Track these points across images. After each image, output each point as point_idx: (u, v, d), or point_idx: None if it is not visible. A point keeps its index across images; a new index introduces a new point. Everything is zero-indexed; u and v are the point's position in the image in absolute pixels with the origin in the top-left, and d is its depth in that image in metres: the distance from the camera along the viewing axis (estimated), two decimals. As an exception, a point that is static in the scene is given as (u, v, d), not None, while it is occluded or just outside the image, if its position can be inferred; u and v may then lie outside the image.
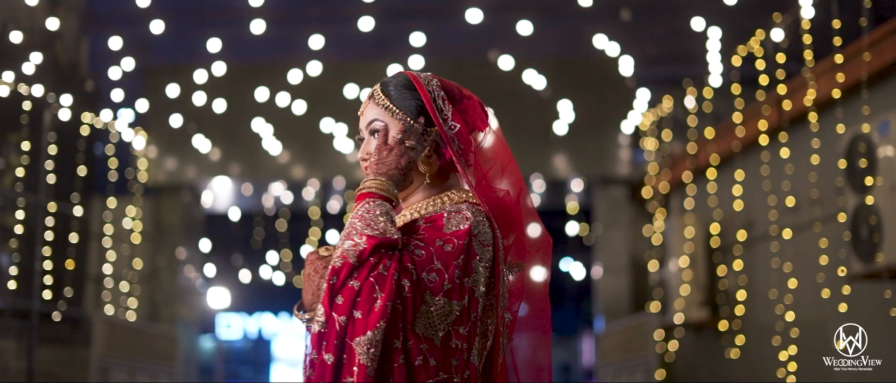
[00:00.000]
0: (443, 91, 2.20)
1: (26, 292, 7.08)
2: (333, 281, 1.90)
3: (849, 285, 5.65)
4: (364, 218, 1.97)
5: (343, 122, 9.39)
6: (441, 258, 1.98)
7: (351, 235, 1.95)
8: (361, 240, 1.93)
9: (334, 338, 1.87)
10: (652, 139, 9.14)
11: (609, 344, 8.91)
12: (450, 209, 2.07)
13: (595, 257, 10.26)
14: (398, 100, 2.17)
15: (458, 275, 1.98)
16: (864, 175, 5.21)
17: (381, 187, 2.05)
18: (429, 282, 1.95)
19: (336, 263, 1.91)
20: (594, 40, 8.13)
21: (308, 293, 2.13)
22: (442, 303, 1.95)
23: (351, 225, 1.98)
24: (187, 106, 9.14)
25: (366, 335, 1.86)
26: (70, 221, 7.75)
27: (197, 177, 10.06)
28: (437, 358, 1.94)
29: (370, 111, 2.21)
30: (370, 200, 2.02)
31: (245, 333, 18.01)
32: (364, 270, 1.90)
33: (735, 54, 7.34)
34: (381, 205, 2.01)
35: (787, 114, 6.57)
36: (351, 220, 1.99)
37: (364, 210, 2.00)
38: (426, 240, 2.00)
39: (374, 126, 2.19)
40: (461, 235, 2.01)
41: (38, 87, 7.28)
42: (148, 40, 8.50)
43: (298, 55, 8.68)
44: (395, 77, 2.22)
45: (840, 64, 5.79)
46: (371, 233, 1.94)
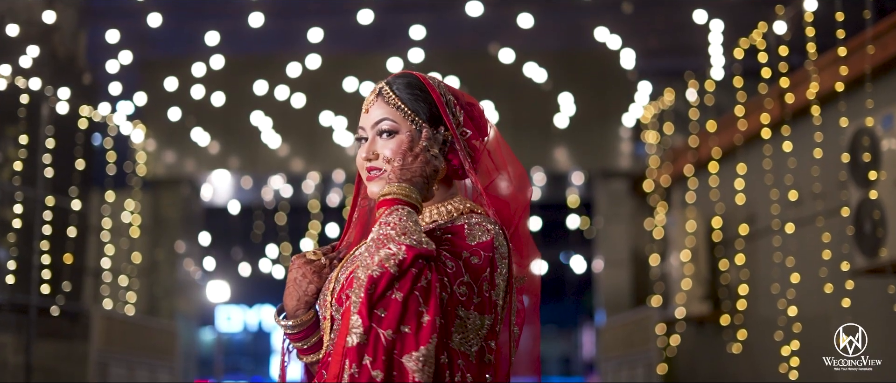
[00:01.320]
0: (452, 95, 2.13)
1: (24, 286, 7.07)
2: (372, 290, 1.78)
3: (852, 280, 5.61)
4: (397, 226, 1.86)
5: (342, 116, 9.35)
6: (470, 271, 1.91)
7: (386, 243, 1.83)
8: (399, 249, 1.81)
9: (382, 354, 1.76)
10: (653, 132, 9.09)
11: (610, 339, 8.88)
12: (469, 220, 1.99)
13: (596, 251, 10.23)
14: (410, 102, 2.07)
15: (487, 288, 1.92)
16: (868, 169, 5.18)
17: (409, 194, 1.95)
18: (460, 296, 1.88)
19: (374, 272, 1.79)
20: (595, 33, 8.10)
21: (293, 298, 2.07)
22: (474, 317, 1.90)
23: (383, 232, 1.85)
24: (186, 99, 9.11)
25: (419, 351, 1.77)
26: (68, 215, 7.72)
27: (196, 170, 10.03)
28: (473, 374, 1.89)
29: (378, 110, 2.09)
30: (399, 207, 1.91)
31: (245, 325, 18.01)
32: (406, 282, 1.80)
33: (737, 47, 7.29)
34: (410, 214, 1.90)
35: (789, 107, 6.53)
36: (381, 228, 1.87)
37: (396, 217, 1.88)
38: (453, 252, 1.92)
39: (382, 126, 2.07)
40: (486, 247, 1.94)
41: (35, 80, 7.25)
42: (146, 33, 8.47)
43: (297, 48, 8.64)
44: (403, 76, 2.12)
45: (843, 57, 5.76)
46: (408, 242, 1.82)
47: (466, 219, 2.00)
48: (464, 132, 2.10)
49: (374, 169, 2.07)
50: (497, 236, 1.97)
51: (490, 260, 1.93)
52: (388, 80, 2.12)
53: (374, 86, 2.14)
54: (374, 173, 2.07)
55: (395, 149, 2.04)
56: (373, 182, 2.07)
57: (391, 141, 2.06)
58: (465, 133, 2.10)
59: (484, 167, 2.11)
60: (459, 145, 2.07)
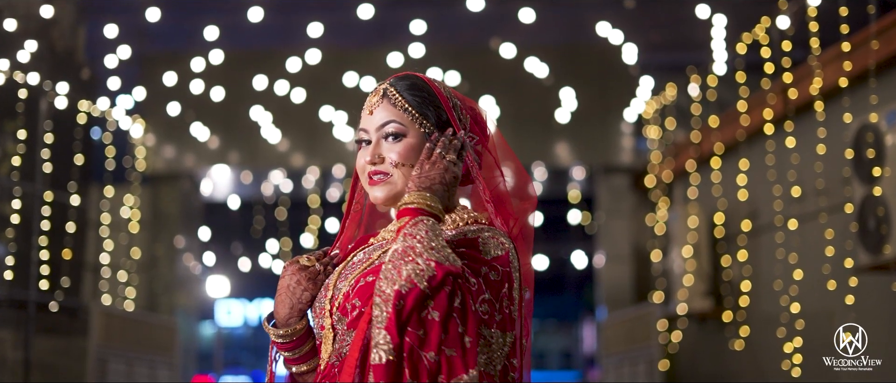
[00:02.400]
0: (457, 98, 2.04)
1: (23, 282, 7.04)
2: (400, 307, 1.69)
3: (856, 277, 5.57)
4: (423, 239, 1.76)
5: (343, 110, 9.32)
6: (490, 287, 1.83)
7: (412, 257, 1.73)
8: (428, 266, 1.72)
9: (425, 376, 1.69)
10: (655, 127, 9.05)
11: (611, 335, 8.84)
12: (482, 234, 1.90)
13: (597, 246, 10.21)
14: (418, 106, 1.98)
15: (506, 304, 1.85)
16: (872, 165, 5.14)
17: (431, 204, 1.86)
18: (482, 314, 1.80)
19: (402, 288, 1.70)
20: (597, 28, 8.05)
21: (286, 306, 1.98)
22: (497, 335, 1.83)
23: (408, 245, 1.75)
24: (185, 94, 9.07)
25: (469, 375, 1.69)
26: (67, 210, 7.68)
27: (196, 165, 10.00)
28: None
29: (383, 112, 1.99)
30: (423, 218, 1.82)
31: (245, 320, 17.99)
32: (441, 301, 1.71)
33: (740, 41, 7.26)
34: (434, 226, 1.81)
35: (792, 102, 6.49)
36: (405, 239, 1.77)
37: (422, 230, 1.78)
38: (473, 269, 1.83)
39: (388, 129, 1.97)
40: (503, 262, 1.87)
41: (33, 74, 7.22)
42: (145, 28, 8.43)
43: (297, 43, 8.61)
44: (406, 77, 2.03)
45: (847, 52, 5.72)
46: (437, 258, 1.73)
47: (479, 232, 1.91)
48: (471, 136, 2.02)
49: (379, 173, 1.98)
50: (511, 250, 1.90)
51: (508, 275, 1.86)
52: (391, 81, 2.03)
53: (375, 85, 2.05)
54: (379, 177, 1.98)
55: (402, 153, 1.96)
56: (377, 186, 1.98)
57: (398, 144, 1.97)
58: (472, 138, 2.02)
59: (488, 172, 2.03)
60: (469, 150, 2.00)
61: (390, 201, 1.99)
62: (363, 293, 1.85)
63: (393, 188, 1.97)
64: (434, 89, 2.01)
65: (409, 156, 1.96)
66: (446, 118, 2.00)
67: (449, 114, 2.00)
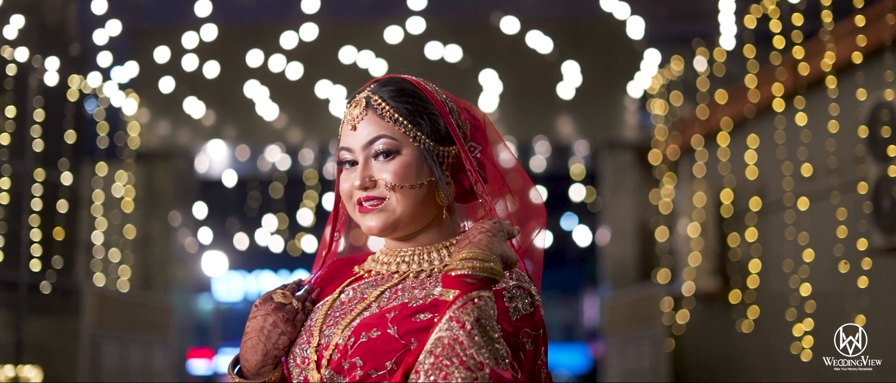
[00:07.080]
0: (452, 102, 1.76)
1: (14, 262, 6.92)
2: None
3: (869, 259, 5.42)
4: (475, 333, 1.49)
5: (340, 85, 9.16)
6: (528, 361, 1.60)
7: (462, 357, 1.47)
8: (482, 373, 1.47)
9: None
10: (660, 102, 8.87)
11: (615, 314, 8.72)
12: (506, 282, 1.63)
13: (601, 223, 10.07)
14: (410, 115, 1.69)
15: (545, 375, 1.64)
16: (887, 144, 5.01)
17: (496, 274, 1.56)
18: None
19: None
20: (602, 1, 7.87)
21: (258, 352, 1.70)
22: None
23: (456, 338, 1.48)
24: (178, 69, 8.90)
25: None
26: (58, 188, 7.53)
27: (191, 141, 9.85)
28: None
29: (369, 126, 1.70)
30: (482, 295, 1.53)
31: (245, 295, 17.92)
32: None
33: (749, 14, 7.06)
34: (494, 308, 1.54)
35: (803, 78, 6.31)
36: (451, 327, 1.49)
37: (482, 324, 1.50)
38: (512, 345, 1.57)
39: (378, 147, 1.68)
40: (536, 325, 1.63)
41: (22, 50, 7.06)
42: (136, 2, 8.24)
43: (292, 17, 8.43)
44: (392, 81, 1.74)
45: (861, 26, 5.55)
46: (492, 363, 1.48)
47: (503, 280, 1.63)
48: (472, 147, 1.74)
49: (372, 198, 1.69)
50: (540, 304, 1.65)
51: (541, 339, 1.62)
52: (373, 88, 1.74)
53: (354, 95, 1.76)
54: (373, 204, 1.69)
55: (397, 173, 1.67)
56: (371, 215, 1.69)
57: (391, 162, 1.68)
58: (473, 148, 1.74)
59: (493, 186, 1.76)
60: (471, 165, 1.71)
61: (388, 231, 1.71)
62: (366, 352, 1.59)
63: (390, 216, 1.69)
64: (426, 93, 1.72)
65: (405, 177, 1.68)
66: (444, 127, 1.72)
67: (447, 122, 1.72)
